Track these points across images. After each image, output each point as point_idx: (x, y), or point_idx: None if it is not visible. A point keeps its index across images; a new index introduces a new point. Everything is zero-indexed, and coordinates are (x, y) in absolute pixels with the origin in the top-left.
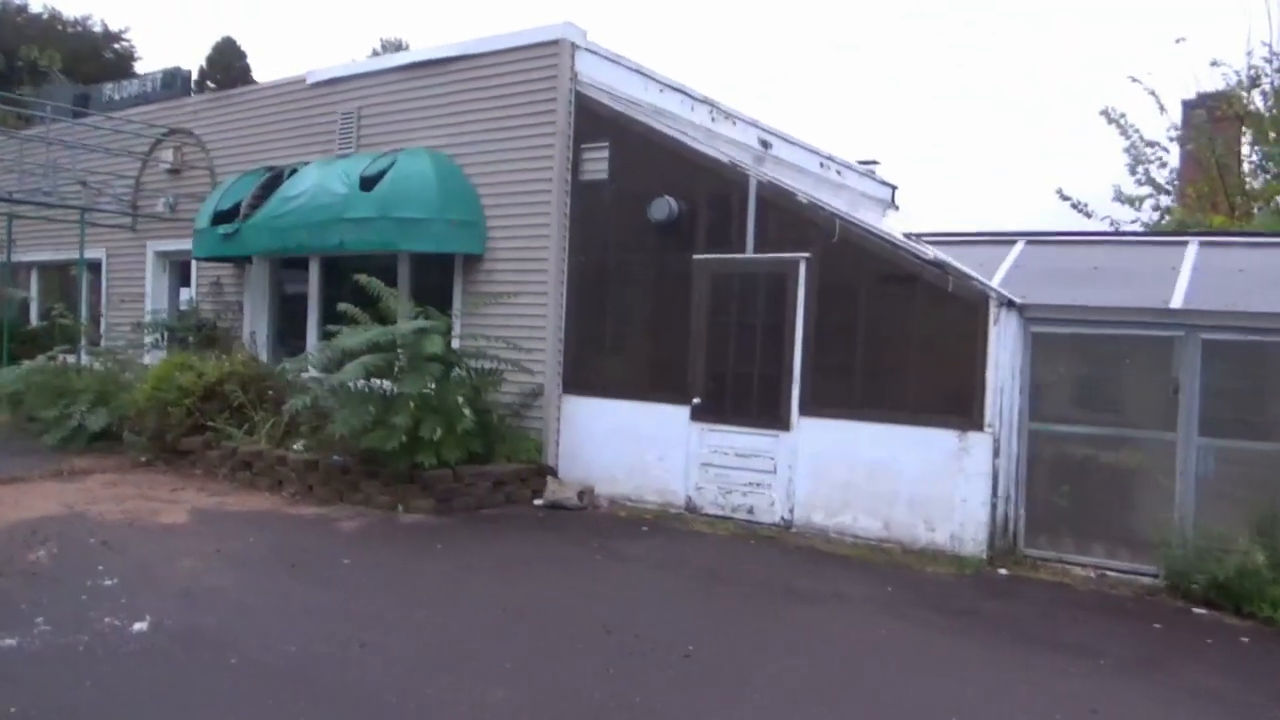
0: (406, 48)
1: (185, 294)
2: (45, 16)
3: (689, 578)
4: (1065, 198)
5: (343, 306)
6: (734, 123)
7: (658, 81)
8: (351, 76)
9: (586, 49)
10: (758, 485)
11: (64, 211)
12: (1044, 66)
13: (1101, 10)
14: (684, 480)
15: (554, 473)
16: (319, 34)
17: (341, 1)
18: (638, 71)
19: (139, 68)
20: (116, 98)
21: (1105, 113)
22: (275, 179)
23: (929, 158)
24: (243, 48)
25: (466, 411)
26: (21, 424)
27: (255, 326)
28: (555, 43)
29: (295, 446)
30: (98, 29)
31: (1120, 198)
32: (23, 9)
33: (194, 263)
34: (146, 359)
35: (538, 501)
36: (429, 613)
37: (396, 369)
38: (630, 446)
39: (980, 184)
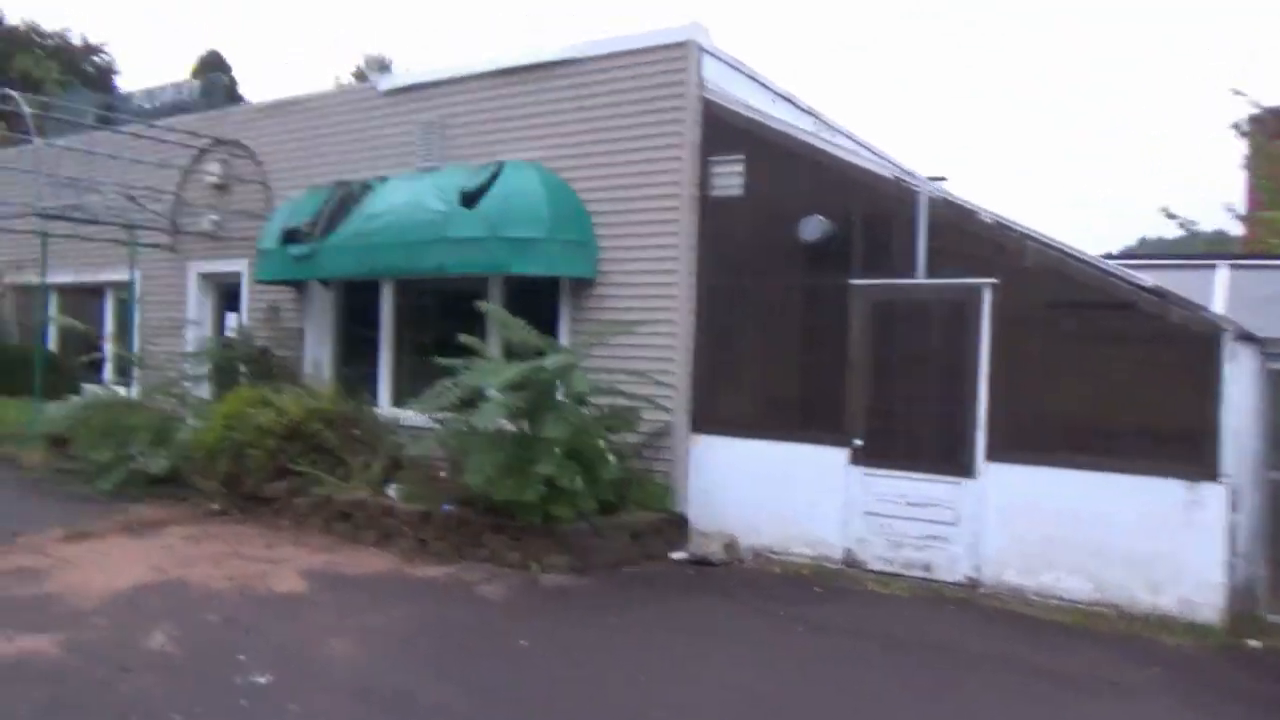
0: (389, 65)
1: (231, 319)
2: (22, 28)
3: (915, 655)
4: (1172, 215)
5: (466, 339)
6: (834, 133)
7: (770, 90)
8: (433, 84)
9: (709, 52)
10: (935, 538)
11: (94, 230)
12: (1052, 66)
13: (1103, 10)
14: (841, 531)
15: (685, 521)
16: (300, 51)
17: (323, 19)
18: (751, 78)
19: (119, 81)
20: (148, 106)
21: (1236, 126)
22: (347, 195)
23: (954, 160)
24: (228, 61)
25: (611, 458)
26: (60, 462)
27: (318, 355)
28: (681, 45)
29: (389, 492)
30: (77, 42)
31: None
32: None
33: (244, 286)
34: (196, 393)
35: (676, 555)
36: (673, 715)
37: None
38: (774, 492)
39: (1007, 186)
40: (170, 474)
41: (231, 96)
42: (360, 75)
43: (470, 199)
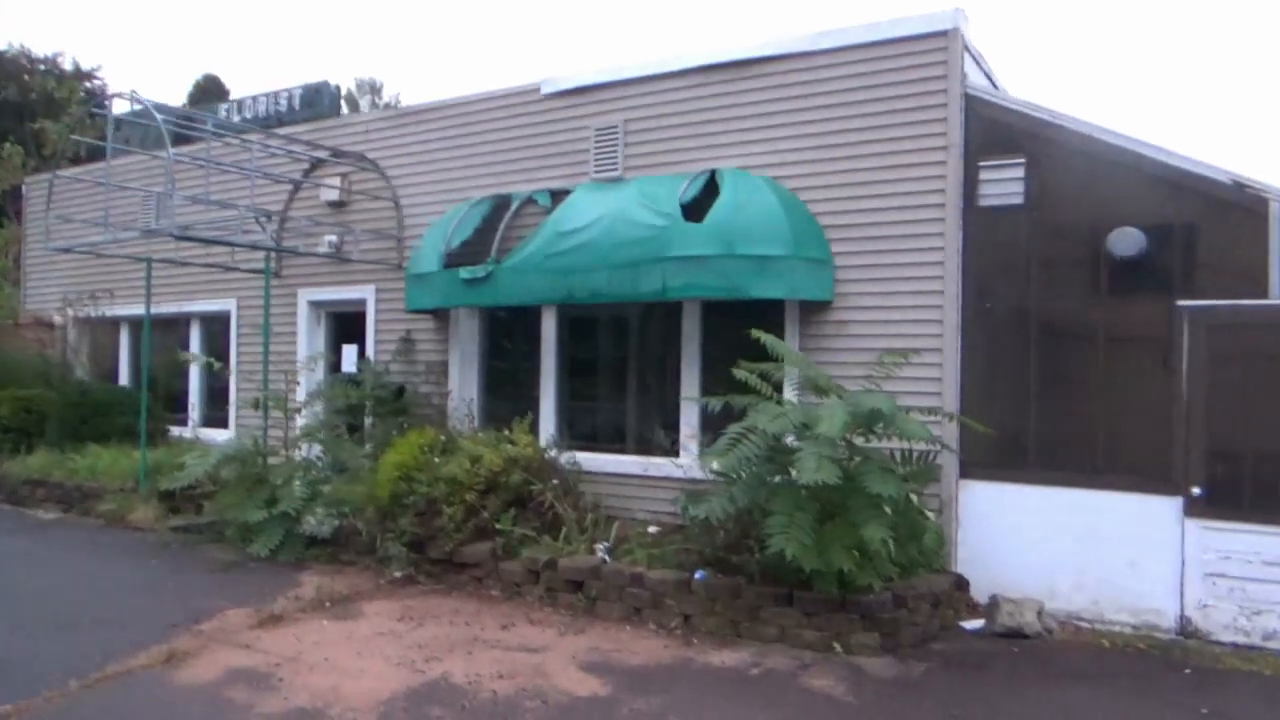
0: (380, 88)
1: (349, 353)
2: (10, 54)
3: None
4: None
5: (742, 373)
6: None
7: (993, 82)
8: (611, 84)
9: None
10: None
11: (199, 254)
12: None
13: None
14: (1174, 595)
15: (965, 583)
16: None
17: (317, 44)
18: (988, 76)
19: (116, 106)
20: (236, 119)
21: None
22: (500, 210)
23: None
24: (227, 85)
25: (930, 516)
26: (174, 520)
27: (465, 392)
28: (943, 35)
29: (599, 554)
30: (69, 67)
31: None
32: None
33: (370, 315)
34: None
35: (971, 625)
36: None
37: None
38: (1074, 548)
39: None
40: (330, 534)
41: (339, 106)
42: (351, 99)
43: (691, 212)
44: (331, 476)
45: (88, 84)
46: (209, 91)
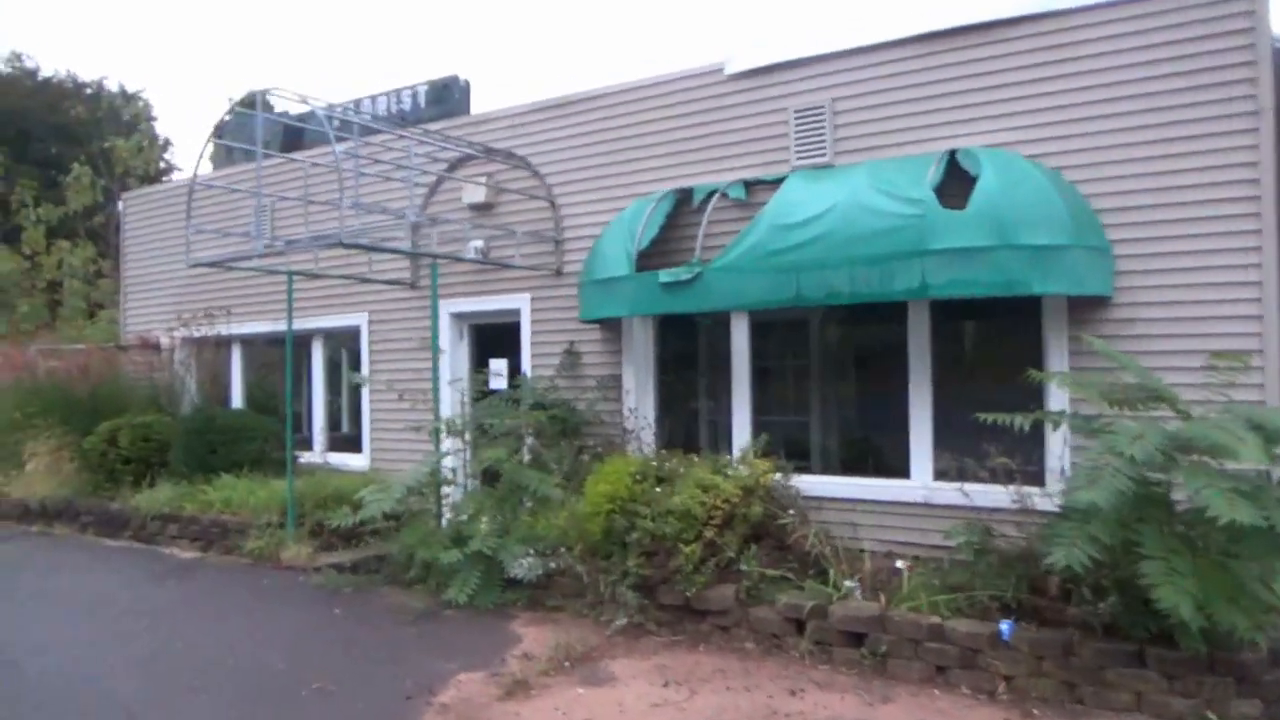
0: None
1: (497, 368)
2: (55, 80)
3: None
4: None
5: (1063, 386)
6: None
7: None
8: (813, 59)
9: None
10: None
11: (338, 264)
12: None
13: None
14: None
15: None
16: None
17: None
18: None
19: (158, 128)
20: (354, 120)
21: None
22: (682, 206)
23: None
24: (270, 101)
25: None
26: (324, 558)
27: (641, 409)
28: None
29: (854, 594)
30: (114, 89)
31: None
32: (33, 74)
33: (524, 326)
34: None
35: None
36: None
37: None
38: None
39: None
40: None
41: (469, 101)
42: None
43: (946, 198)
44: (519, 509)
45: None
46: (252, 108)
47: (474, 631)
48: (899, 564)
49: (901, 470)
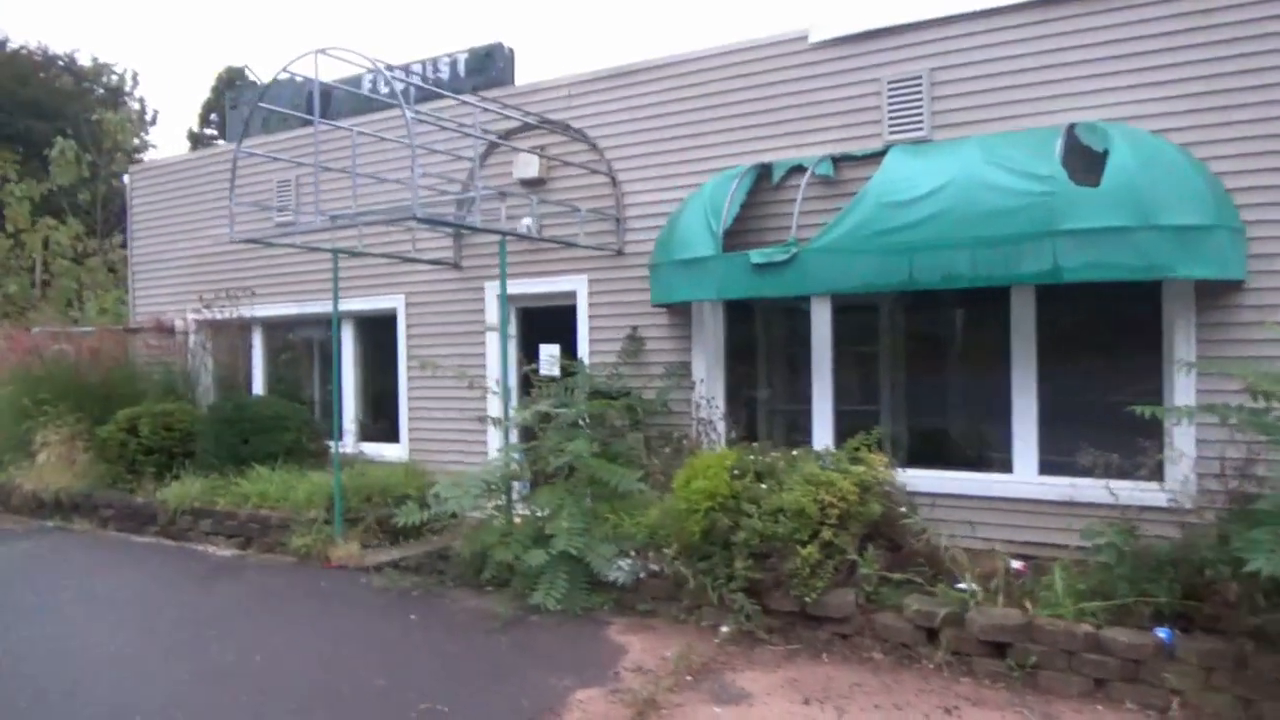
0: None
1: (548, 353)
2: (25, 52)
3: None
4: None
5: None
6: None
7: None
8: (908, 26)
9: None
10: None
11: (383, 243)
12: None
13: None
14: None
15: None
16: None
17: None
18: None
19: (132, 102)
20: (383, 92)
21: None
22: (762, 182)
23: None
24: (252, 77)
25: None
26: (373, 556)
27: (711, 398)
28: None
29: (992, 602)
30: (86, 64)
31: None
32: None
33: (581, 310)
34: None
35: None
36: None
37: None
38: None
39: None
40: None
41: (514, 70)
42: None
43: (1072, 175)
44: (593, 504)
45: (104, 79)
46: (233, 84)
47: (570, 640)
48: (1015, 564)
49: (1003, 464)
